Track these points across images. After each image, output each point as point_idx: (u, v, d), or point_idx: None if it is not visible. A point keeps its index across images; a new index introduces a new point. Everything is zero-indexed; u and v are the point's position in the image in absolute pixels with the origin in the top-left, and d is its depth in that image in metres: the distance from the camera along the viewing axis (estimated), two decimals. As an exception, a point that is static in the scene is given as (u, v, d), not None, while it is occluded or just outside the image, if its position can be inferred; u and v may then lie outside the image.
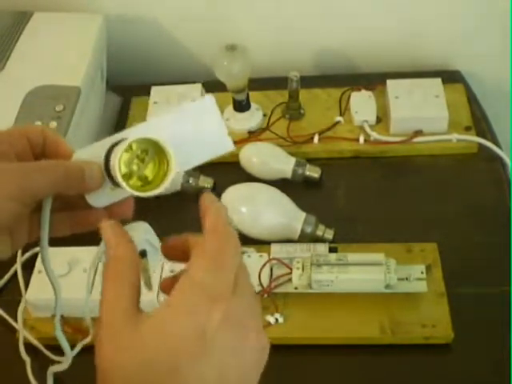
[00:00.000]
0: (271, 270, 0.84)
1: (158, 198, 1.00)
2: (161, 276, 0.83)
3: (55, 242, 0.87)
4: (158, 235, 0.95)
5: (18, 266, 0.90)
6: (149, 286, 0.72)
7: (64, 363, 0.78)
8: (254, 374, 0.47)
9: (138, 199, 1.00)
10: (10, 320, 0.86)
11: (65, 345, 0.64)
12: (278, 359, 0.80)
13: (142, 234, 0.61)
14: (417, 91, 1.01)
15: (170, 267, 0.84)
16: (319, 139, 1.01)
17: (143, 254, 0.64)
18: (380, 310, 0.81)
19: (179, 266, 0.84)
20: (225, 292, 0.44)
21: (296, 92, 1.02)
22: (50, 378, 0.80)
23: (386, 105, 1.03)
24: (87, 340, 0.82)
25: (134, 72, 1.20)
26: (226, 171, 0.99)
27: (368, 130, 1.01)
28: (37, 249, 0.89)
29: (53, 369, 0.79)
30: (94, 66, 1.02)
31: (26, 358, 0.82)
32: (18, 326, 0.84)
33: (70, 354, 0.70)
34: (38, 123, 0.91)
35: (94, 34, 1.04)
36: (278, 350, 0.80)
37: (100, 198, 0.52)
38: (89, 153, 0.51)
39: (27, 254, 0.90)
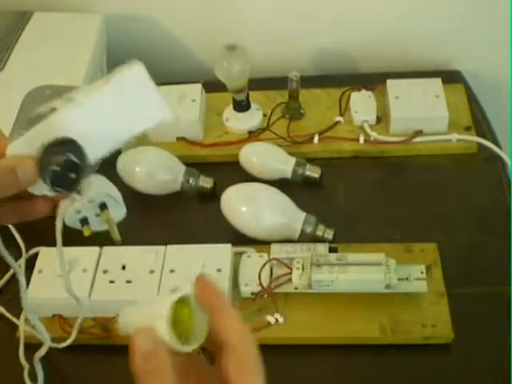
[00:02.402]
0: (271, 270, 0.84)
1: (158, 198, 1.01)
2: (161, 275, 0.83)
3: (55, 242, 0.88)
4: (158, 234, 0.95)
5: (21, 264, 0.90)
6: (116, 236, 0.72)
7: (45, 345, 0.77)
8: None
9: (136, 198, 1.00)
10: (13, 318, 0.86)
11: (39, 326, 0.64)
12: (278, 359, 0.81)
13: (100, 187, 0.61)
14: (417, 91, 1.01)
15: (170, 267, 0.84)
16: (319, 139, 1.01)
17: (103, 206, 0.64)
18: (380, 310, 0.81)
19: (178, 266, 0.85)
20: None
21: (296, 92, 1.02)
22: (39, 366, 0.80)
23: (386, 105, 1.03)
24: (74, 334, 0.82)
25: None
26: (226, 171, 0.99)
27: (368, 129, 1.01)
28: (37, 248, 0.89)
29: (38, 354, 0.79)
30: (94, 66, 1.02)
31: (25, 363, 0.82)
32: (20, 323, 0.84)
33: (46, 335, 0.70)
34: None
35: (94, 34, 1.04)
36: (278, 349, 0.81)
37: (41, 187, 0.52)
38: (23, 145, 0.51)
39: (29, 253, 0.91)
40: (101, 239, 0.88)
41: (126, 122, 0.54)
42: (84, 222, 0.86)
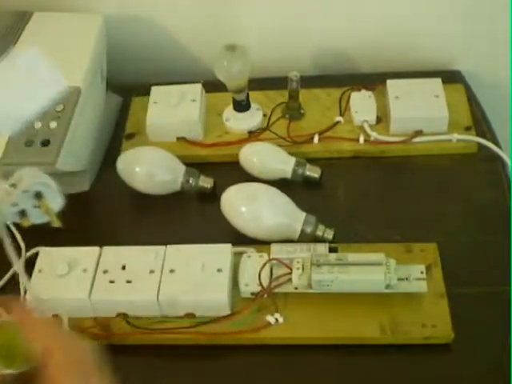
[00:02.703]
0: (271, 270, 0.84)
1: (158, 198, 1.01)
2: (161, 275, 0.83)
3: (55, 242, 0.88)
4: (158, 234, 0.95)
5: (20, 266, 0.90)
6: (56, 223, 0.72)
7: None
8: None
9: (136, 198, 1.00)
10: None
11: None
12: (277, 359, 0.81)
13: (32, 177, 0.61)
14: (417, 91, 1.01)
15: (170, 267, 0.83)
16: (319, 139, 1.01)
17: (39, 195, 0.64)
18: (380, 310, 0.81)
19: (178, 266, 0.85)
20: None
21: (296, 92, 1.02)
22: None
23: (386, 105, 1.03)
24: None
25: (134, 72, 1.20)
26: (225, 171, 0.99)
27: (368, 130, 1.01)
28: (37, 248, 0.89)
29: None
30: (94, 66, 1.02)
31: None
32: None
33: None
34: (38, 124, 0.91)
35: (94, 34, 1.04)
36: (278, 349, 0.81)
37: None
38: None
39: (30, 253, 0.91)
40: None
41: (25, 99, 0.54)
42: (22, 214, 0.86)
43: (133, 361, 0.82)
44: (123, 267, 0.84)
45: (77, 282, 0.83)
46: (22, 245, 0.92)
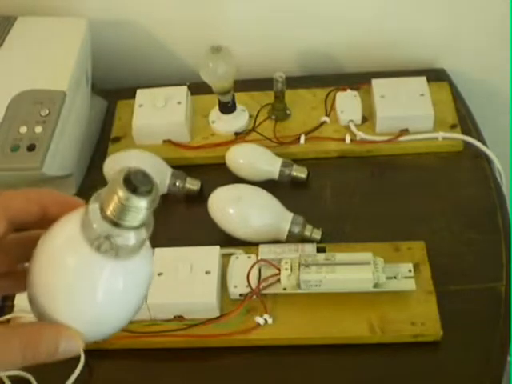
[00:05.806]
0: (260, 271, 0.84)
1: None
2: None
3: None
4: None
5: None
6: None
7: None
8: None
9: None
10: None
11: None
12: (267, 360, 0.81)
13: None
14: (402, 90, 1.01)
15: (158, 270, 0.83)
16: (305, 139, 1.02)
17: None
18: (369, 309, 0.82)
19: (166, 269, 0.85)
20: None
21: (281, 93, 1.02)
22: None
23: (372, 104, 1.03)
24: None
25: (120, 75, 1.19)
26: (212, 173, 0.99)
27: (354, 129, 1.01)
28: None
29: None
30: (79, 70, 1.02)
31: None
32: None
33: None
34: (24, 128, 0.91)
35: (79, 37, 1.04)
36: (267, 350, 0.81)
37: None
38: None
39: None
40: None
41: None
42: None
43: (122, 365, 0.82)
44: (111, 271, 0.84)
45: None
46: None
